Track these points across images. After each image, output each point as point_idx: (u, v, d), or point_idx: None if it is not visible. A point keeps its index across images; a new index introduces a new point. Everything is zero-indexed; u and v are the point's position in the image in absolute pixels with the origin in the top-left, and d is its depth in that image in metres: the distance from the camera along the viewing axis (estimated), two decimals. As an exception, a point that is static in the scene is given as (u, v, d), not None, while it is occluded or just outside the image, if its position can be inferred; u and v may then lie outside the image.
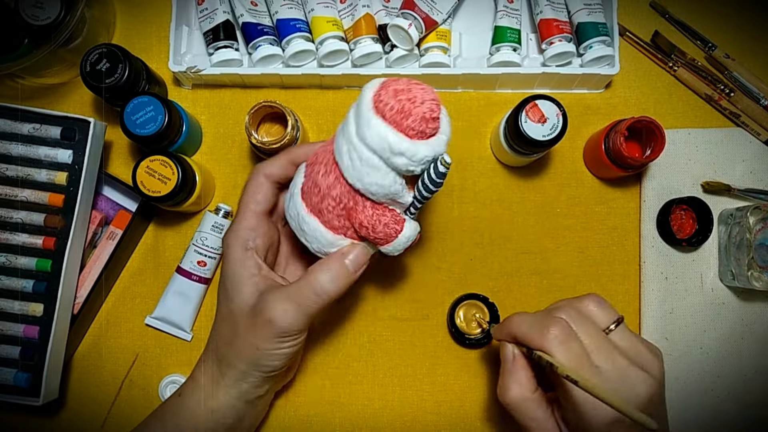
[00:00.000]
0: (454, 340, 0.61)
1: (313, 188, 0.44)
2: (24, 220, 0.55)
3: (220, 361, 0.49)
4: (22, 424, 0.61)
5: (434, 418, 0.60)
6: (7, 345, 0.55)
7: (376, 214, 0.44)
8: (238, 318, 0.47)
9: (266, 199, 0.50)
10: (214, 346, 0.50)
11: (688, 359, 0.60)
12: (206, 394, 0.49)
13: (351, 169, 0.41)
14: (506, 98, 0.63)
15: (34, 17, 0.56)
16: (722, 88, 0.62)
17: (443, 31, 0.60)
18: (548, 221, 0.62)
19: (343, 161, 0.41)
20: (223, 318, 0.49)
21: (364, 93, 0.40)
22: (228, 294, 0.48)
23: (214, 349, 0.50)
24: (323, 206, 0.44)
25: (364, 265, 0.47)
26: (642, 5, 0.64)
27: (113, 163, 0.63)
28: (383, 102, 0.39)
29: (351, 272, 0.46)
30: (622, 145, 0.54)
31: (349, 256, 0.46)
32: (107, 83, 0.54)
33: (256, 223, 0.49)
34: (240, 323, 0.47)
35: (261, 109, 0.55)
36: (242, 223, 0.49)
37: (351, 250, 0.46)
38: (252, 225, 0.49)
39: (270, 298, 0.45)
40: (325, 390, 0.61)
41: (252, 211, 0.49)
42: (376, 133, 0.39)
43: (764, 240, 0.56)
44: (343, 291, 0.46)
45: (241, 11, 0.59)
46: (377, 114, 0.39)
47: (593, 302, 0.46)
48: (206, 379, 0.49)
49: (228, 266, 0.48)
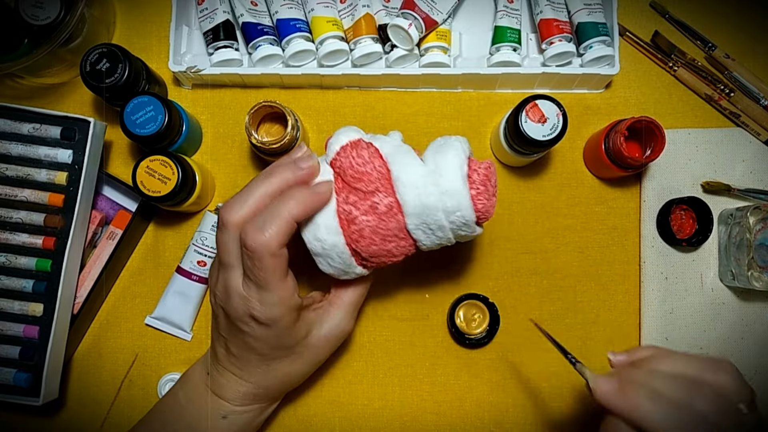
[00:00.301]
0: (454, 340, 0.61)
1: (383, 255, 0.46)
2: (24, 220, 0.55)
3: (284, 390, 0.53)
4: (22, 424, 0.61)
5: (434, 418, 0.60)
6: (7, 345, 0.55)
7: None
8: (313, 352, 0.51)
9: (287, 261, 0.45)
10: (274, 383, 0.51)
11: None
12: (260, 412, 0.53)
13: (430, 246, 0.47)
14: (506, 98, 0.63)
15: (34, 17, 0.56)
16: (722, 88, 0.62)
17: (443, 31, 0.60)
18: (548, 221, 0.62)
19: (429, 246, 0.47)
20: (290, 362, 0.50)
21: (465, 207, 0.44)
22: (292, 348, 0.49)
23: (276, 385, 0.52)
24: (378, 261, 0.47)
25: None
26: (642, 5, 0.64)
27: (113, 163, 0.63)
28: (483, 214, 0.46)
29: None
30: (622, 145, 0.54)
31: None
32: (107, 83, 0.54)
33: (293, 283, 0.46)
34: (318, 354, 0.51)
35: (261, 109, 0.55)
36: (283, 294, 0.44)
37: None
38: (292, 289, 0.45)
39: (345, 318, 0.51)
40: (325, 389, 0.61)
41: (283, 278, 0.44)
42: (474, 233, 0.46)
43: (764, 240, 0.56)
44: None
45: (241, 11, 0.59)
46: (477, 222, 0.46)
47: (730, 374, 0.41)
48: (264, 404, 0.53)
49: (287, 332, 0.47)
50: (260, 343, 0.47)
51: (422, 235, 0.45)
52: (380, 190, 0.44)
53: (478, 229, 0.47)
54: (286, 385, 0.53)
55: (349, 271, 0.47)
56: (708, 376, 0.40)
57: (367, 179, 0.44)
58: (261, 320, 0.45)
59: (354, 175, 0.45)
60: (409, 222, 0.44)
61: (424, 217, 0.44)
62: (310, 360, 0.51)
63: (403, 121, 0.63)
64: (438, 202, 0.43)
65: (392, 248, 0.46)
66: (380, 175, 0.44)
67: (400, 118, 0.63)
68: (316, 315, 0.50)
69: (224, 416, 0.51)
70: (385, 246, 0.45)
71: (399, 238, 0.45)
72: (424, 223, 0.44)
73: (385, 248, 0.45)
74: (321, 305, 0.51)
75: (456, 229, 0.45)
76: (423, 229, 0.45)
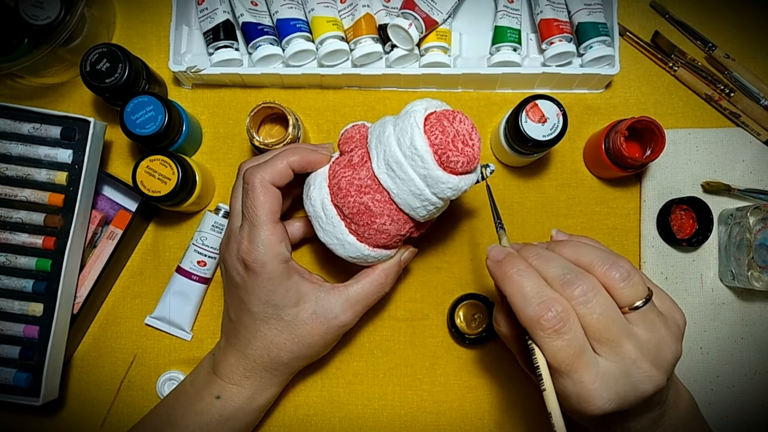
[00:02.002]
0: (454, 340, 0.61)
1: (379, 235, 0.48)
2: (24, 220, 0.55)
3: (274, 367, 0.52)
4: (22, 424, 0.61)
5: (434, 418, 0.60)
6: (7, 345, 0.55)
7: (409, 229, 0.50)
8: (300, 327, 0.50)
9: (280, 207, 0.50)
10: (264, 355, 0.51)
11: (688, 359, 0.60)
12: (255, 393, 0.52)
13: (426, 215, 0.48)
14: (506, 98, 0.63)
15: (34, 17, 0.56)
16: (722, 88, 0.62)
17: (443, 31, 0.60)
18: (548, 221, 0.62)
19: (418, 214, 0.47)
20: (278, 330, 0.50)
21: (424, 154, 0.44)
22: (279, 309, 0.49)
23: (265, 358, 0.51)
24: (391, 243, 0.50)
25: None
26: (642, 5, 0.64)
27: (113, 163, 0.63)
28: (453, 162, 0.44)
29: (398, 269, 0.53)
30: (622, 145, 0.54)
31: (404, 258, 0.54)
32: (107, 83, 0.54)
33: (282, 234, 0.49)
34: (304, 331, 0.50)
35: (261, 110, 0.55)
36: (271, 239, 0.48)
37: (404, 252, 0.54)
38: (280, 237, 0.49)
39: (342, 303, 0.51)
40: (325, 389, 0.61)
41: (274, 222, 0.49)
42: (455, 188, 0.45)
43: (764, 240, 0.56)
44: None
45: (241, 11, 0.59)
46: (451, 173, 0.45)
47: (621, 271, 0.39)
48: (255, 383, 0.52)
49: (272, 283, 0.48)
50: (249, 296, 0.49)
51: (390, 182, 0.46)
52: (358, 147, 0.49)
53: (444, 175, 0.45)
54: (273, 360, 0.51)
55: (342, 239, 0.48)
56: (597, 269, 0.39)
57: (351, 141, 0.50)
58: (248, 262, 0.48)
59: (344, 141, 0.50)
60: (375, 166, 0.46)
61: (384, 155, 0.45)
62: (298, 336, 0.50)
63: (403, 121, 0.63)
64: (392, 135, 0.46)
65: (368, 201, 0.47)
66: (361, 137, 0.50)
67: (400, 118, 0.63)
68: (311, 289, 0.50)
69: (218, 396, 0.51)
70: (360, 198, 0.47)
71: (373, 190, 0.47)
72: (387, 164, 0.45)
73: (360, 201, 0.47)
74: (321, 282, 0.52)
75: (415, 167, 0.45)
76: (388, 173, 0.46)
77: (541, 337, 0.37)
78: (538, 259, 0.40)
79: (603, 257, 0.39)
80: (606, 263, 0.39)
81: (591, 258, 0.40)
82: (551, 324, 0.37)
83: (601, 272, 0.39)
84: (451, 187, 0.45)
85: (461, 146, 0.44)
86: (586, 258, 0.40)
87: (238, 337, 0.51)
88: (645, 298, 0.39)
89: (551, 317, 0.37)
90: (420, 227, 0.51)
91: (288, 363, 0.52)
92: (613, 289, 0.38)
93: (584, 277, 0.38)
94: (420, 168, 0.44)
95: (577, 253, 0.40)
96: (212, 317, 0.62)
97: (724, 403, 0.60)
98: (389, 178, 0.46)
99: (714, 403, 0.59)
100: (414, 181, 0.45)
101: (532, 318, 0.37)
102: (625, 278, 0.38)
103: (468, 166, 0.45)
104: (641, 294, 0.39)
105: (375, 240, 0.49)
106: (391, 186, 0.46)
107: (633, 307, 0.38)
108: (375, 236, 0.48)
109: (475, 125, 0.45)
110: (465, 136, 0.44)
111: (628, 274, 0.38)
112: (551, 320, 0.37)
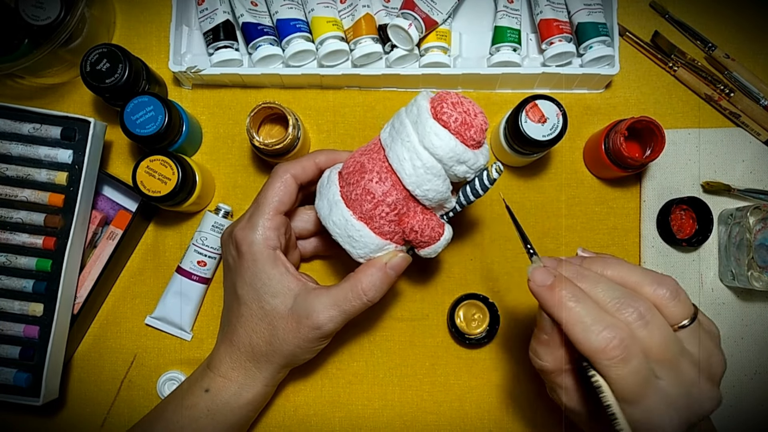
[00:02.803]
0: (454, 340, 0.61)
1: (364, 195, 0.46)
2: (24, 220, 0.55)
3: (256, 358, 0.51)
4: (22, 424, 0.61)
5: (434, 418, 0.60)
6: (7, 345, 0.55)
7: (425, 218, 0.47)
8: (277, 319, 0.49)
9: (291, 201, 0.51)
10: (247, 342, 0.51)
11: None
12: (241, 388, 0.51)
13: (414, 176, 0.44)
14: (506, 98, 0.63)
15: (34, 17, 0.56)
16: (722, 88, 0.62)
17: (443, 31, 0.60)
18: (548, 221, 0.62)
19: (404, 169, 0.44)
20: (258, 317, 0.50)
21: (421, 104, 0.43)
22: (260, 294, 0.49)
23: (248, 345, 0.51)
24: (376, 213, 0.46)
25: (402, 270, 0.49)
26: (642, 5, 0.64)
27: (113, 163, 0.63)
28: (446, 114, 0.43)
29: (392, 278, 0.48)
30: (622, 145, 0.54)
31: (391, 264, 0.48)
32: (107, 83, 0.54)
33: (280, 224, 0.50)
34: (279, 325, 0.49)
35: (261, 110, 0.55)
36: (266, 223, 0.49)
37: (393, 257, 0.48)
38: (277, 225, 0.50)
39: (316, 304, 0.48)
40: (325, 390, 0.61)
41: (277, 210, 0.50)
42: (445, 144, 0.42)
43: (764, 240, 0.56)
44: (382, 296, 0.49)
45: (241, 11, 0.59)
46: (443, 125, 0.43)
47: (670, 289, 0.38)
48: (240, 375, 0.51)
49: (256, 266, 0.49)
50: (237, 277, 0.50)
51: (386, 135, 0.45)
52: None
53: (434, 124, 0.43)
54: (255, 349, 0.50)
55: (332, 201, 0.47)
56: (646, 289, 0.38)
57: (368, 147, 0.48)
58: (238, 240, 0.49)
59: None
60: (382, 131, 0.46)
61: (392, 122, 0.46)
62: (274, 328, 0.49)
63: (403, 121, 0.63)
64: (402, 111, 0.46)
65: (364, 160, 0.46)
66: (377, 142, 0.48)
67: (400, 118, 0.63)
68: (294, 285, 0.49)
69: (207, 389, 0.51)
70: (360, 158, 0.46)
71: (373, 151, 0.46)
72: (391, 125, 0.45)
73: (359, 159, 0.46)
74: (306, 281, 0.51)
75: (409, 114, 0.44)
76: (390, 131, 0.45)
77: (606, 367, 0.35)
78: (585, 281, 0.38)
79: (649, 276, 0.38)
80: (654, 282, 0.38)
81: (637, 278, 0.39)
82: (617, 352, 0.35)
83: (651, 291, 0.38)
84: (441, 140, 0.42)
85: (458, 107, 0.43)
86: (632, 278, 0.39)
87: (229, 324, 0.52)
88: (692, 316, 0.38)
89: (617, 345, 0.35)
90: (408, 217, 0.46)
91: (267, 355, 0.51)
92: (663, 308, 0.37)
93: (638, 299, 0.37)
94: (413, 115, 0.44)
95: (621, 273, 0.39)
96: (212, 317, 0.62)
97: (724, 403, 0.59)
98: (388, 134, 0.45)
99: (714, 403, 0.59)
100: (406, 128, 0.44)
101: (597, 348, 0.35)
102: (674, 297, 0.38)
103: (462, 128, 0.43)
104: (689, 312, 0.38)
105: (360, 205, 0.46)
106: (386, 139, 0.45)
107: (681, 326, 0.38)
108: (360, 199, 0.45)
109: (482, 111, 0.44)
110: (465, 103, 0.44)
111: (676, 292, 0.38)
112: (617, 348, 0.35)
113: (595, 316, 0.36)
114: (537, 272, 0.39)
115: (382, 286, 0.48)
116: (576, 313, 0.36)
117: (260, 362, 0.51)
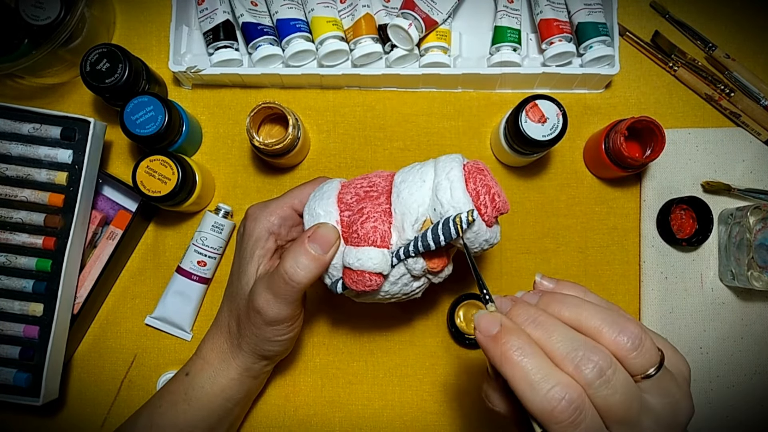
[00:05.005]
0: (454, 340, 0.61)
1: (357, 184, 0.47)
2: (24, 220, 0.55)
3: (231, 340, 0.51)
4: (22, 424, 0.61)
5: (434, 418, 0.60)
6: (7, 345, 0.55)
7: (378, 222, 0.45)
8: (240, 300, 0.50)
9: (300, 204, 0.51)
10: (225, 322, 0.52)
11: (688, 359, 0.58)
12: (216, 372, 0.51)
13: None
14: (506, 98, 0.63)
15: (34, 17, 0.56)
16: (722, 88, 0.62)
17: (443, 31, 0.60)
18: (548, 221, 0.62)
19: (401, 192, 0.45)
20: (235, 294, 0.51)
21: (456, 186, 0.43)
22: (240, 272, 0.50)
23: (226, 325, 0.52)
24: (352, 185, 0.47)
25: (334, 244, 0.45)
26: (642, 5, 0.64)
27: (113, 163, 0.63)
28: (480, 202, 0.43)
29: (319, 255, 0.44)
30: (622, 145, 0.54)
31: (313, 236, 0.44)
32: (107, 83, 0.54)
33: (289, 216, 0.50)
34: (242, 305, 0.49)
35: (261, 111, 0.55)
36: (277, 210, 0.50)
37: (315, 231, 0.44)
38: (286, 215, 0.50)
39: (256, 287, 0.47)
40: (325, 390, 0.61)
41: (291, 205, 0.50)
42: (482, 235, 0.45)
43: (764, 240, 0.56)
44: (318, 274, 0.45)
45: (241, 11, 0.59)
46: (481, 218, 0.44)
47: (632, 338, 0.33)
48: (216, 358, 0.52)
49: (248, 241, 0.50)
50: (236, 251, 0.52)
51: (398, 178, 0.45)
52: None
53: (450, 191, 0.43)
54: (230, 328, 0.51)
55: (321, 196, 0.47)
56: (606, 337, 0.33)
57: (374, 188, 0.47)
58: (248, 213, 0.51)
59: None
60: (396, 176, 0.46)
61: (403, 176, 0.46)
62: (239, 309, 0.49)
63: (403, 121, 0.63)
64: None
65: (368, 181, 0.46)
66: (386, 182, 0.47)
67: (400, 118, 0.63)
68: (263, 268, 0.50)
69: (187, 372, 0.52)
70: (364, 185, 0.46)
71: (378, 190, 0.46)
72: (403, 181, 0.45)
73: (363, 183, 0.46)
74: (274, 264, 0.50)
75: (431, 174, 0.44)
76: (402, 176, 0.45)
77: (554, 430, 0.32)
78: (537, 329, 0.34)
79: (609, 320, 0.34)
80: (614, 329, 0.33)
81: (596, 322, 0.34)
82: (566, 416, 0.31)
83: (611, 340, 0.33)
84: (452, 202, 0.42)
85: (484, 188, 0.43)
86: (591, 322, 0.34)
87: (222, 302, 0.53)
88: (658, 365, 0.34)
89: (565, 407, 0.31)
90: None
91: (238, 338, 0.50)
92: (624, 359, 0.33)
93: (597, 352, 0.32)
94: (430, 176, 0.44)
95: (579, 316, 0.35)
96: (212, 317, 0.61)
97: (724, 403, 0.60)
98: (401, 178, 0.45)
99: (714, 403, 0.59)
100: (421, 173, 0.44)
101: (542, 410, 0.31)
102: (636, 346, 0.33)
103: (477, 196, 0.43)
104: (653, 360, 0.34)
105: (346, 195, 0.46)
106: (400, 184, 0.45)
107: (646, 375, 0.33)
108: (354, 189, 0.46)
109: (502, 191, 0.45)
110: (490, 183, 0.44)
111: (639, 341, 0.33)
112: (565, 411, 0.31)
113: (544, 373, 0.32)
114: (483, 319, 0.35)
115: (310, 267, 0.44)
116: (521, 368, 0.32)
117: (233, 346, 0.51)
